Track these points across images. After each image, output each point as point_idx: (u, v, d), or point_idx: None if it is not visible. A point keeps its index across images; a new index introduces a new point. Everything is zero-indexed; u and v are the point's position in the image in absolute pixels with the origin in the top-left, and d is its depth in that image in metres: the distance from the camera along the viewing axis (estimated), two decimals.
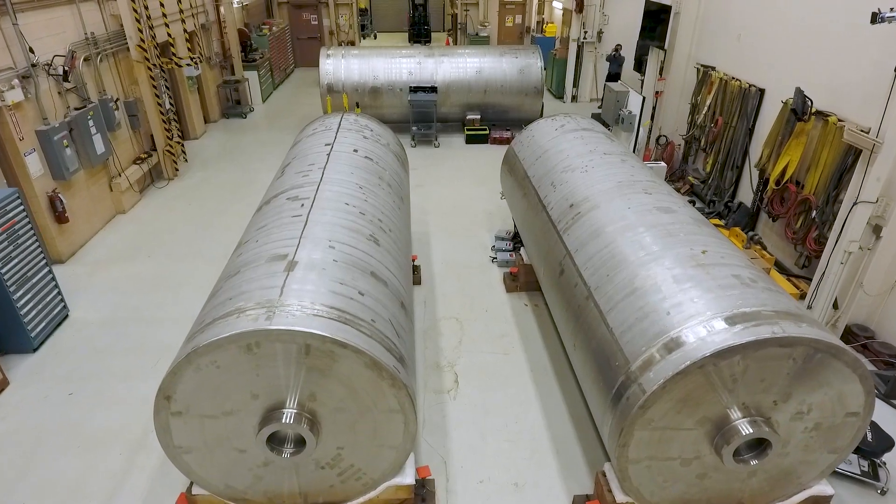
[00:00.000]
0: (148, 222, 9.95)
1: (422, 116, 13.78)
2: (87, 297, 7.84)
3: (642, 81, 16.23)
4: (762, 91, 8.93)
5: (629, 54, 15.83)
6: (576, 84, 17.39)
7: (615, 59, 15.90)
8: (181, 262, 8.70)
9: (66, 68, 8.16)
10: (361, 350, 3.83)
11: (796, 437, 4.16)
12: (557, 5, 20.30)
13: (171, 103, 11.51)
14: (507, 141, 13.82)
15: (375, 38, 30.31)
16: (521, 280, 7.92)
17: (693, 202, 10.26)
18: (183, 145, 12.10)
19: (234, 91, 16.29)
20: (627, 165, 6.51)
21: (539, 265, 6.47)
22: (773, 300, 4.07)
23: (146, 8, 10.31)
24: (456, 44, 24.68)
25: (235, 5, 16.12)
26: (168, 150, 11.36)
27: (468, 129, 13.92)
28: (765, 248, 8.14)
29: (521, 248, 8.06)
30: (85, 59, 9.26)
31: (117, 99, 9.97)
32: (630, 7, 16.02)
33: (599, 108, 16.85)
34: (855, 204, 6.25)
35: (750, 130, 9.16)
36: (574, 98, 17.56)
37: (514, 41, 22.74)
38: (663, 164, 9.41)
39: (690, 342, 3.84)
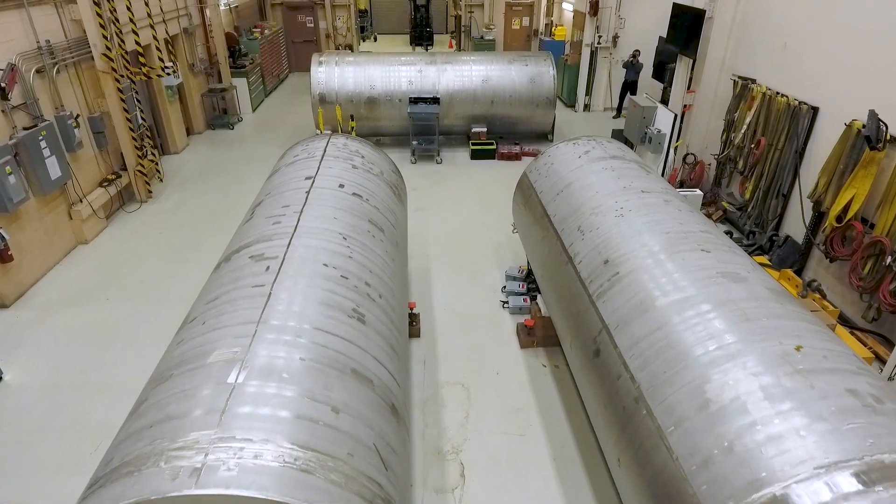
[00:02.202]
0: (112, 255, 8.78)
1: (423, 130, 12.59)
2: (27, 352, 6.67)
3: (663, 90, 15.06)
4: (815, 109, 7.72)
5: (647, 61, 14.67)
6: (588, 92, 16.19)
7: (632, 66, 14.73)
8: (144, 306, 7.53)
9: (3, 84, 6.98)
10: None
11: None
12: (568, 7, 19.09)
13: (143, 118, 10.34)
14: (517, 157, 12.62)
15: (375, 40, 29.15)
16: (539, 334, 6.72)
17: (730, 233, 9.05)
18: (158, 164, 10.93)
19: (222, 100, 15.13)
20: (672, 208, 5.31)
21: (564, 332, 5.27)
22: None
23: (113, 11, 9.14)
24: (459, 47, 23.51)
25: (222, 7, 14.97)
26: (139, 171, 10.19)
27: (474, 144, 12.73)
28: (824, 297, 6.94)
29: (538, 296, 6.87)
30: (38, 71, 8.10)
31: (77, 115, 8.79)
32: (649, 9, 14.84)
33: (614, 117, 15.71)
34: None
35: (799, 154, 7.95)
36: (587, 107, 16.37)
37: (520, 44, 21.54)
38: (699, 191, 8.21)
39: None
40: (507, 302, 7.55)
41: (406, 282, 6.26)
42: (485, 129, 13.03)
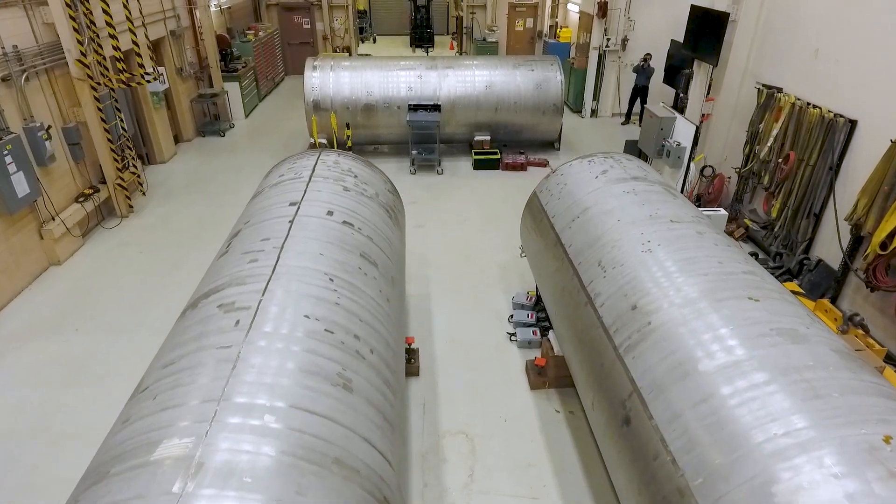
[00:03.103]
0: (86, 277, 8.11)
1: (423, 138, 11.93)
2: None
3: (676, 96, 14.38)
4: (853, 123, 7.05)
5: (659, 64, 14.01)
6: (596, 97, 15.52)
7: (643, 71, 14.07)
8: (117, 337, 6.86)
9: None
10: None
11: None
12: (573, 8, 18.41)
13: (123, 128, 9.67)
14: (522, 167, 11.95)
15: (375, 41, 28.49)
16: (550, 374, 6.05)
17: (755, 255, 8.38)
18: (140, 176, 10.25)
19: (213, 105, 14.47)
20: (708, 242, 4.64)
21: (585, 387, 4.59)
22: None
23: (89, 14, 8.47)
24: (461, 49, 22.84)
25: (213, 9, 14.30)
26: (119, 184, 9.52)
27: (476, 153, 12.05)
28: (868, 333, 6.25)
29: (550, 332, 6.20)
30: (3, 80, 7.44)
31: (49, 127, 8.12)
32: (660, 11, 14.18)
33: (623, 124, 15.04)
34: None
35: (834, 171, 7.28)
36: (594, 113, 15.69)
37: (524, 46, 20.86)
38: (723, 211, 7.53)
39: None
40: (514, 334, 6.88)
41: (404, 318, 5.62)
42: (488, 138, 12.36)
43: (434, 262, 8.52)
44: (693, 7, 9.51)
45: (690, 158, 8.25)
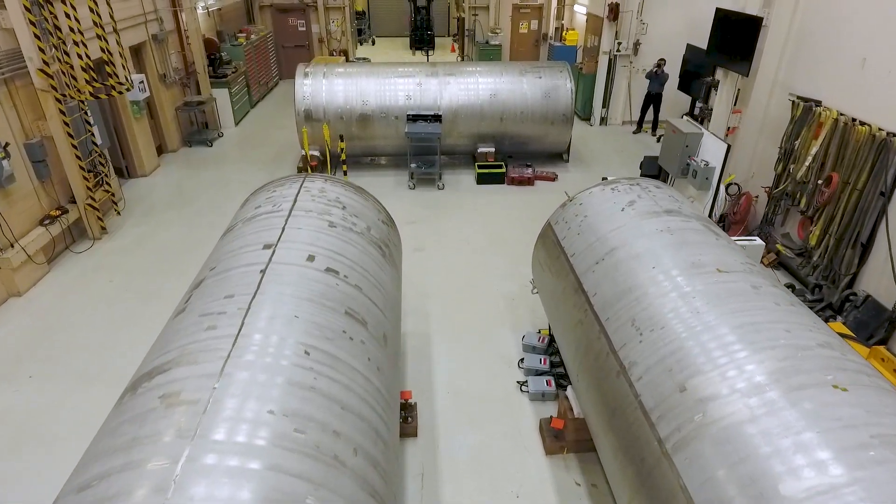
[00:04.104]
0: (48, 312, 7.30)
1: (422, 151, 11.12)
2: None
3: (691, 103, 13.57)
4: None
5: (673, 70, 13.21)
6: (605, 104, 14.69)
7: (656, 77, 13.25)
8: (74, 386, 6.05)
9: None
10: None
11: None
12: (580, 10, 17.59)
13: (95, 142, 8.84)
14: (529, 181, 11.12)
15: (374, 43, 27.68)
16: (569, 439, 5.23)
17: (791, 286, 7.55)
18: (113, 195, 9.43)
19: (201, 113, 13.65)
20: (768, 300, 3.82)
21: (620, 485, 3.76)
22: None
23: (53, 19, 7.65)
24: (463, 52, 22.02)
25: (200, 11, 13.48)
26: (90, 204, 8.70)
27: (480, 167, 11.23)
28: None
29: (568, 388, 5.37)
30: None
31: (7, 144, 7.31)
32: (675, 14, 13.38)
33: (635, 132, 14.25)
34: None
35: (887, 197, 6.46)
36: (603, 121, 14.87)
37: (528, 49, 20.05)
38: (759, 240, 6.71)
39: None
40: (525, 383, 6.06)
41: (398, 376, 4.81)
42: (492, 150, 11.55)
43: (434, 293, 7.70)
44: (719, 11, 8.67)
45: (720, 180, 7.42)
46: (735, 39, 8.24)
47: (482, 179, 11.21)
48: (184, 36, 12.99)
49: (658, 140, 13.68)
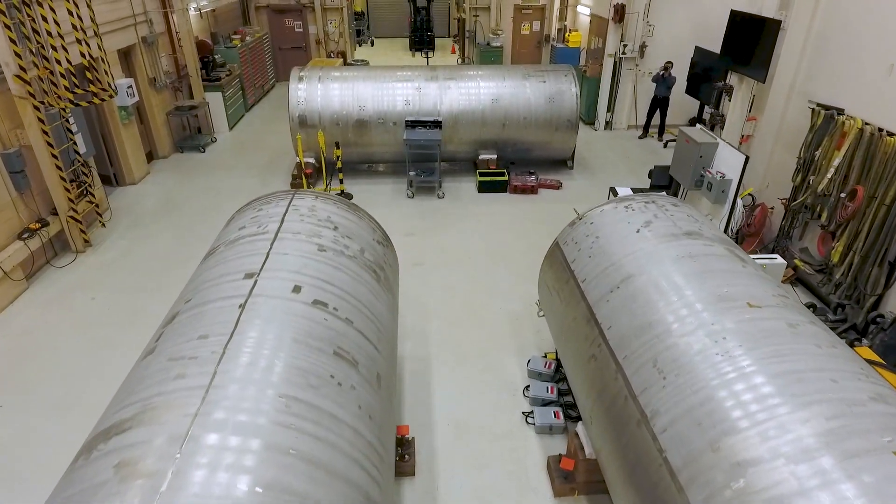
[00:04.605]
0: (25, 333, 6.88)
1: (422, 158, 10.71)
2: None
3: (700, 108, 13.15)
4: None
5: (681, 73, 12.80)
6: (610, 108, 14.27)
7: (663, 80, 12.84)
8: (44, 417, 5.63)
9: None
10: None
11: None
12: (584, 10, 17.18)
13: (77, 151, 8.43)
14: (533, 190, 10.71)
15: (372, 44, 27.23)
16: (580, 480, 4.81)
17: (812, 306, 7.13)
18: (98, 205, 9.00)
19: (194, 118, 13.24)
20: (807, 341, 3.40)
21: None
22: None
23: (28, 21, 7.24)
24: (463, 54, 21.62)
25: (192, 12, 13.06)
26: (72, 217, 8.28)
27: (482, 175, 10.82)
28: None
29: (579, 424, 4.95)
30: None
31: None
32: (682, 15, 12.97)
33: (640, 137, 13.83)
34: None
35: None
36: (608, 125, 14.45)
37: (530, 51, 19.64)
38: (780, 259, 6.29)
39: None
40: (531, 413, 5.64)
41: (394, 411, 4.41)
42: (494, 156, 11.13)
43: (434, 312, 7.28)
44: (734, 13, 8.25)
45: (737, 193, 7.00)
46: (751, 43, 7.81)
47: (484, 188, 10.79)
48: (175, 38, 12.57)
49: (665, 146, 13.27)
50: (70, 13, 7.50)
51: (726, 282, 3.98)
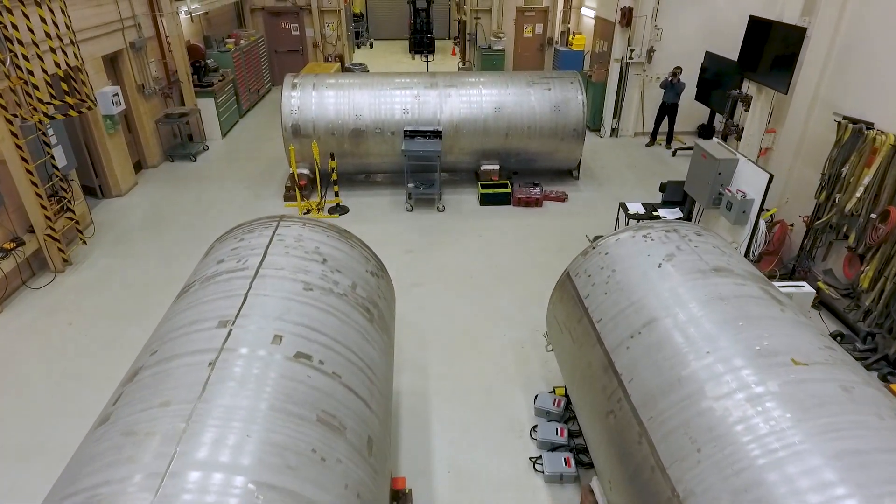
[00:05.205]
0: None
1: (421, 169, 10.24)
2: None
3: (711, 115, 12.68)
4: None
5: (690, 79, 12.34)
6: (616, 115, 13.78)
7: (672, 86, 12.35)
8: (7, 465, 5.15)
9: None
10: None
11: None
12: (588, 13, 16.69)
13: (56, 165, 7.95)
14: (537, 203, 10.23)
15: (371, 47, 26.79)
16: None
17: (839, 335, 6.64)
18: (78, 222, 8.52)
19: (186, 125, 12.76)
20: (866, 408, 2.93)
21: None
22: None
23: (3, 29, 6.76)
24: (464, 57, 21.14)
25: (183, 16, 12.58)
26: (50, 235, 7.81)
27: (484, 186, 10.34)
28: None
29: (594, 479, 4.47)
30: None
31: None
32: (692, 19, 12.50)
33: (648, 145, 13.36)
34: None
35: None
36: (614, 132, 13.97)
37: (532, 54, 19.15)
38: (808, 287, 5.81)
39: None
40: (539, 459, 5.17)
41: (388, 467, 3.93)
42: (497, 167, 10.66)
43: (433, 341, 6.80)
44: (753, 19, 7.76)
45: (759, 214, 6.52)
46: (773, 52, 7.32)
47: (486, 200, 10.31)
48: (165, 43, 12.09)
49: (674, 154, 12.80)
50: (44, 20, 7.01)
51: (765, 331, 3.51)
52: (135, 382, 3.28)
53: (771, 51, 7.48)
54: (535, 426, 5.51)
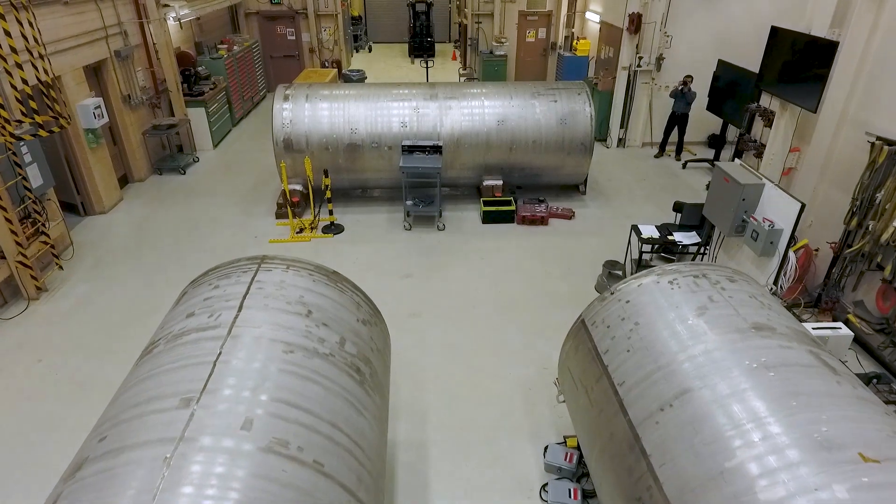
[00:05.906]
0: None
1: (420, 185, 9.71)
2: None
3: (723, 126, 12.16)
4: None
5: (702, 88, 11.82)
6: (624, 124, 13.25)
7: (682, 96, 11.83)
8: None
9: None
10: None
11: None
12: (593, 18, 16.17)
13: (28, 187, 7.43)
14: (543, 221, 9.70)
15: (370, 50, 26.26)
16: None
17: (875, 377, 6.11)
18: (54, 246, 7.99)
19: (175, 135, 12.24)
20: None
21: None
22: None
23: None
24: (465, 62, 20.62)
25: (171, 22, 12.04)
26: (21, 262, 7.28)
27: (486, 203, 9.81)
28: None
29: None
30: None
31: None
32: (703, 26, 11.99)
33: (656, 156, 12.84)
34: None
35: None
36: (621, 142, 13.44)
37: (535, 59, 18.63)
38: (846, 329, 5.27)
39: None
40: None
41: None
42: (500, 182, 10.13)
43: (432, 381, 6.27)
44: (776, 30, 7.22)
45: (789, 247, 5.98)
46: (800, 67, 6.80)
47: (488, 218, 9.78)
48: (152, 51, 11.56)
49: (684, 166, 12.27)
50: (8, 33, 6.46)
51: (823, 413, 2.97)
52: (76, 481, 2.76)
53: (797, 64, 6.95)
54: (546, 484, 4.98)
